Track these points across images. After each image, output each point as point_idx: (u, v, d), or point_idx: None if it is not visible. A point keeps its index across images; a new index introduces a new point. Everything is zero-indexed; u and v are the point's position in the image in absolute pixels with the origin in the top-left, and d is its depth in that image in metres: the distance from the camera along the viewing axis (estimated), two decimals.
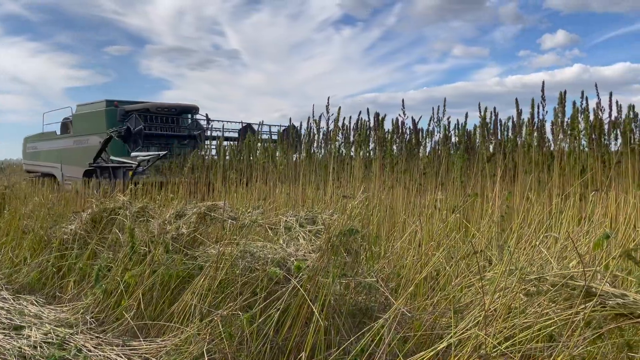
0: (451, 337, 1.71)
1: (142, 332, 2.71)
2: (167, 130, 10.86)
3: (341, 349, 2.01)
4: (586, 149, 4.81)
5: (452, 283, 2.17)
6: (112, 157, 9.50)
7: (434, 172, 5.29)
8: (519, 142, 5.03)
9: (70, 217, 4.31)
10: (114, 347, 2.53)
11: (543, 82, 4.45)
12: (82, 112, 11.31)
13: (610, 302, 1.54)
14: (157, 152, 8.51)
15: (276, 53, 31.08)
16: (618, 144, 4.74)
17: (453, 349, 1.67)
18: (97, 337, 2.69)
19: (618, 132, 4.57)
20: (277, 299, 2.22)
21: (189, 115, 11.65)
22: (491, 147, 5.36)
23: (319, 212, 3.12)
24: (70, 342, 2.61)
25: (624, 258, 1.88)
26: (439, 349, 1.71)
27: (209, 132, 11.21)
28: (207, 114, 11.42)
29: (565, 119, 4.78)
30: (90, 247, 3.63)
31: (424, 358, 1.73)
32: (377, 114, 5.57)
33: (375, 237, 3.83)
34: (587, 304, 1.53)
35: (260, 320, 2.18)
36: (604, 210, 3.21)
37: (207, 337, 2.12)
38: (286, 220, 3.02)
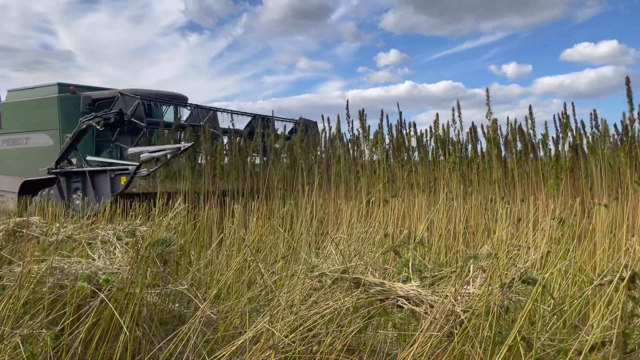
0: (247, 333, 1.86)
1: None
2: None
3: (149, 355, 2.04)
4: (391, 160, 5.44)
5: (257, 283, 2.33)
6: (89, 158, 6.45)
7: (264, 181, 5.50)
8: (339, 154, 5.49)
9: None
10: None
11: (347, 101, 4.94)
12: (19, 101, 7.77)
13: (372, 290, 1.81)
14: (175, 145, 5.55)
15: (116, 56, 29.05)
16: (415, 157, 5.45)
17: (248, 343, 1.81)
18: None
19: (414, 146, 5.26)
20: (87, 314, 2.17)
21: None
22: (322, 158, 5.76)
23: (140, 225, 3.08)
24: None
25: (391, 252, 2.22)
26: (237, 344, 1.85)
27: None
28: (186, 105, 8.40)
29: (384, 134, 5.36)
30: None
31: (224, 354, 1.85)
32: (204, 125, 5.61)
33: (201, 246, 3.89)
34: (354, 293, 1.79)
35: (68, 336, 2.11)
36: (398, 212, 3.68)
37: (7, 359, 1.99)
38: (104, 234, 2.94)
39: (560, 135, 4.65)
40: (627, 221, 2.80)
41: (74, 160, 6.37)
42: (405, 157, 5.17)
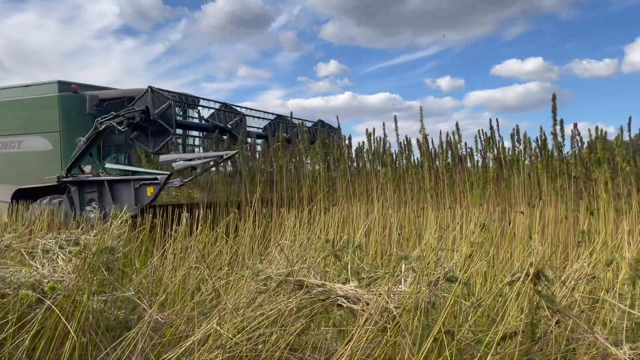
0: (196, 335, 1.93)
1: None
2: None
3: None
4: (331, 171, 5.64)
5: (204, 288, 2.40)
6: (109, 165, 5.75)
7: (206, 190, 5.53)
8: (282, 164, 5.62)
9: None
10: None
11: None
12: (11, 100, 6.81)
13: (314, 291, 1.94)
14: (217, 153, 4.97)
15: (46, 59, 27.62)
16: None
17: (196, 345, 1.88)
18: None
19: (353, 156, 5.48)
20: (31, 322, 2.15)
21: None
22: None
23: (82, 233, 3.06)
24: None
25: (332, 257, 2.36)
26: (185, 346, 1.91)
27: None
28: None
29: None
30: None
31: (172, 356, 1.91)
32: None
33: (144, 254, 3.88)
34: (297, 294, 1.91)
35: (10, 345, 2.09)
36: (338, 219, 3.85)
37: None
38: (45, 243, 2.89)
39: (484, 149, 5.02)
40: (538, 226, 3.10)
41: (86, 168, 5.74)
42: (344, 168, 5.37)
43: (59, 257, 2.76)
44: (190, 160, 4.88)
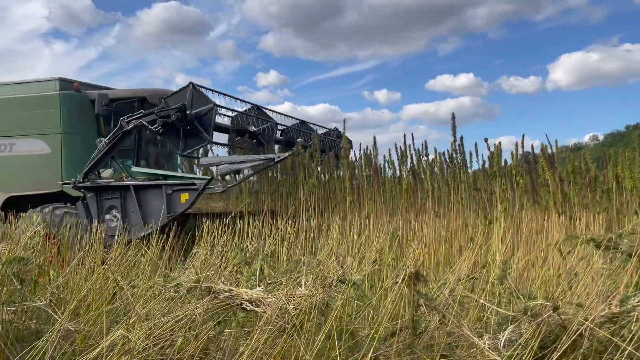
0: (104, 342, 1.97)
1: None
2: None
3: None
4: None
5: (118, 297, 2.44)
6: (136, 169, 5.15)
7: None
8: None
9: None
10: None
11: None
12: (7, 98, 5.99)
13: (222, 296, 2.05)
14: (267, 155, 4.51)
15: None
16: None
17: (105, 350, 1.93)
18: None
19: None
20: None
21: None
22: None
23: None
24: None
25: (243, 264, 2.48)
26: (94, 353, 1.95)
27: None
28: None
29: None
30: None
31: None
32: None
33: (60, 265, 3.80)
34: (205, 299, 2.01)
35: None
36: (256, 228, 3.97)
37: None
38: None
39: (399, 162, 5.34)
40: (444, 232, 3.38)
41: (105, 173, 5.19)
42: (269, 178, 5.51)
43: None
44: (236, 163, 4.43)
